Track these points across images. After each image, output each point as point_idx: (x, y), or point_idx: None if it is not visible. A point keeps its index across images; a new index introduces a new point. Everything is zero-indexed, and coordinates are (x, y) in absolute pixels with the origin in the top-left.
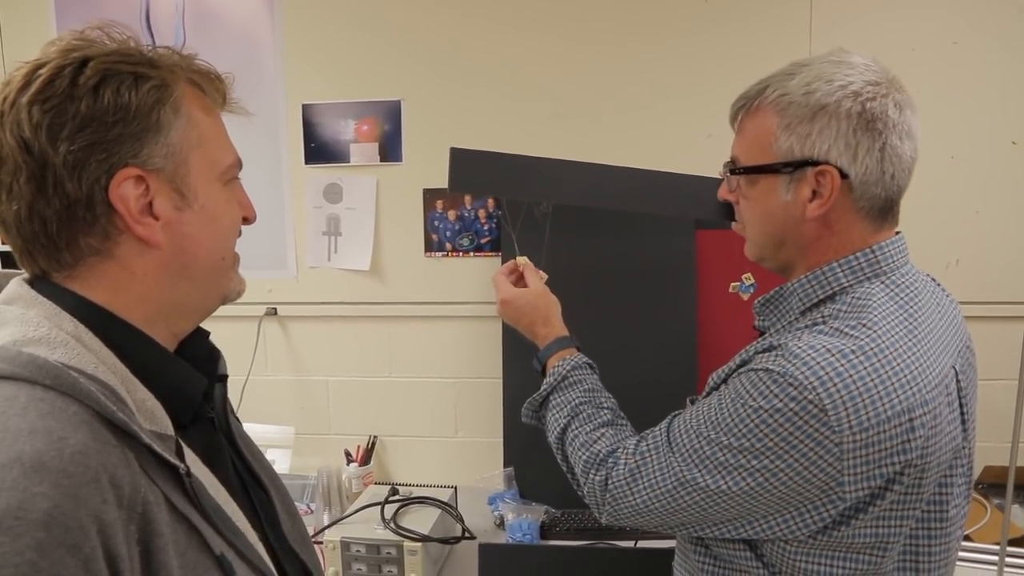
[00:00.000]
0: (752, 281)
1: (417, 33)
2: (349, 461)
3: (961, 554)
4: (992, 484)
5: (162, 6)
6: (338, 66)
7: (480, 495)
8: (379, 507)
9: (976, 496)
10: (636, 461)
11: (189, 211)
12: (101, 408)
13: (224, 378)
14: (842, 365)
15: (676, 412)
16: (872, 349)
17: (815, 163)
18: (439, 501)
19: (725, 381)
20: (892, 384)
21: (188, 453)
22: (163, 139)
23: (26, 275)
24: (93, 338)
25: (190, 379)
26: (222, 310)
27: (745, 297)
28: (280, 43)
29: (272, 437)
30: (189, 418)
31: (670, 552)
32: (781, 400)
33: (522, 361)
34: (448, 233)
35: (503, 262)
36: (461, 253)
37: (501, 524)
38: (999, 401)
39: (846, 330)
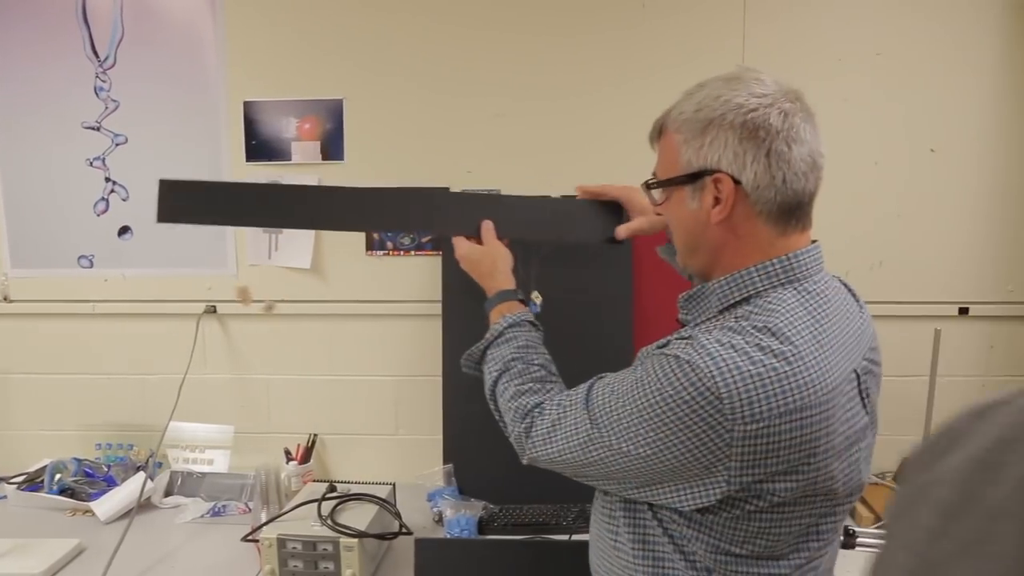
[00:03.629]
0: (540, 300)
1: (359, 31)
2: (289, 459)
3: (877, 542)
4: None
5: None
6: (280, 63)
7: (420, 492)
8: (316, 504)
9: (892, 487)
10: (557, 415)
11: None
12: None
13: None
14: (742, 361)
15: (599, 376)
16: (773, 350)
17: (710, 172)
18: (377, 498)
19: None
20: (788, 384)
21: None
22: None
23: None
24: None
25: None
26: (158, 307)
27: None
28: (222, 39)
29: (210, 437)
30: None
31: None
32: (682, 384)
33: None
34: (389, 232)
35: (444, 261)
36: (402, 252)
37: (440, 520)
38: (917, 396)
39: (752, 331)
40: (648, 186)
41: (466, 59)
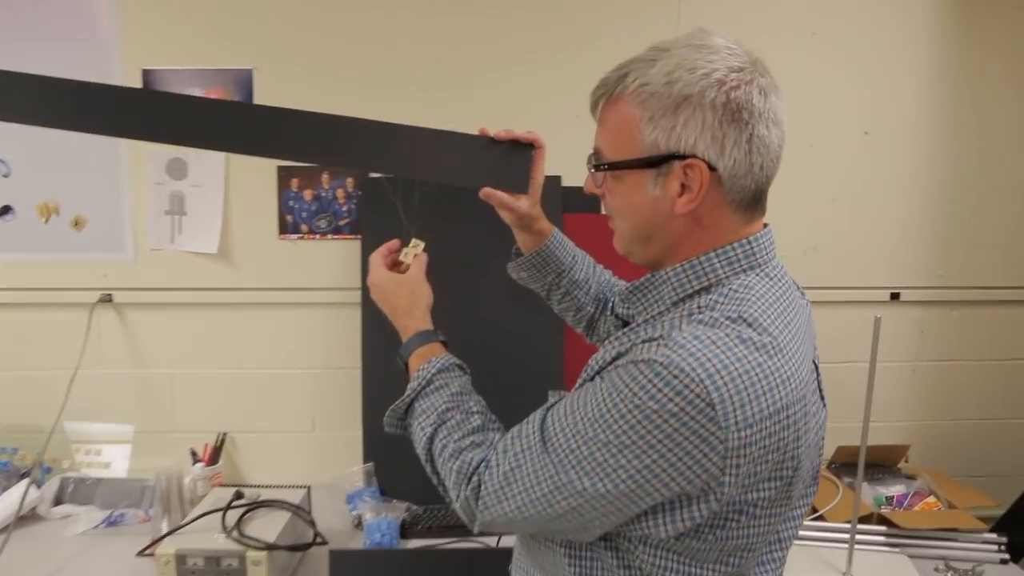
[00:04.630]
0: (421, 248)
1: None
2: (195, 461)
3: (813, 534)
4: (844, 463)
5: None
6: (184, 28)
7: (337, 493)
8: (221, 514)
9: (828, 475)
10: (509, 464)
11: None
12: None
13: None
14: (727, 357)
15: (549, 405)
16: (755, 342)
17: (682, 156)
18: (289, 504)
19: (600, 373)
20: (774, 380)
21: None
22: None
23: None
24: None
25: None
26: (46, 296)
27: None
28: None
29: (107, 437)
30: None
31: None
32: (665, 394)
33: (384, 350)
34: (304, 214)
35: (363, 245)
36: (318, 236)
37: (359, 524)
38: (850, 383)
39: (726, 322)
40: (598, 168)
41: (389, 32)
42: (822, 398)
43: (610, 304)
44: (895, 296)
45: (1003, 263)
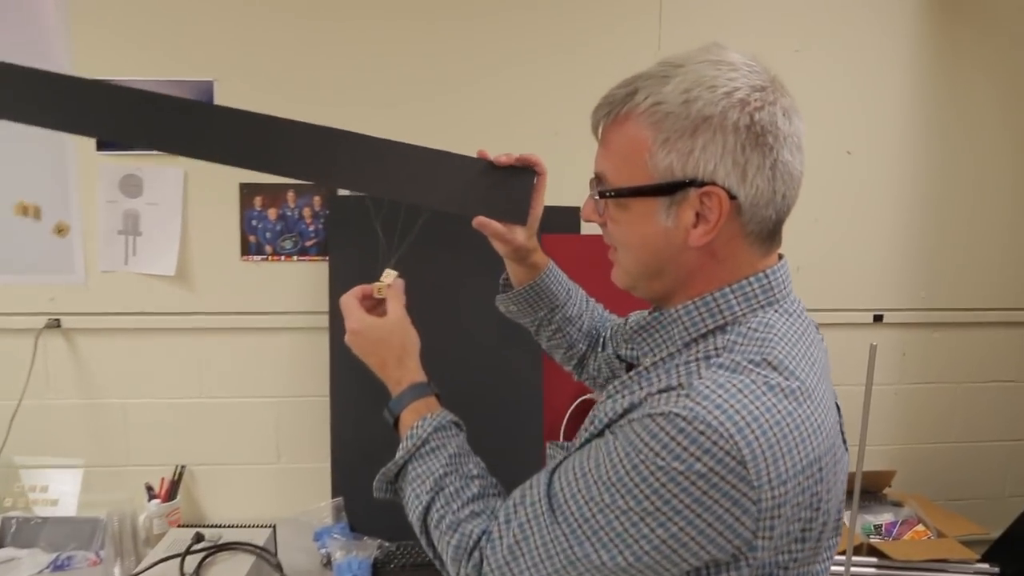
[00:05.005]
0: (393, 278)
1: (233, 3)
2: (151, 497)
3: None
4: None
5: None
6: (139, 36)
7: (304, 530)
8: (179, 560)
9: None
10: (514, 536)
11: None
12: None
13: None
14: (756, 408)
15: (553, 466)
16: (783, 388)
17: (699, 183)
18: (253, 546)
19: (610, 427)
20: (806, 429)
21: None
22: None
23: None
24: None
25: None
26: None
27: None
28: (65, 3)
29: (54, 473)
30: None
31: None
32: (690, 452)
33: (353, 377)
34: (268, 234)
35: (331, 267)
36: (283, 257)
37: (328, 564)
38: None
39: (750, 366)
40: (602, 195)
41: (355, 46)
42: (844, 441)
43: (602, 340)
44: (878, 318)
45: (986, 285)
